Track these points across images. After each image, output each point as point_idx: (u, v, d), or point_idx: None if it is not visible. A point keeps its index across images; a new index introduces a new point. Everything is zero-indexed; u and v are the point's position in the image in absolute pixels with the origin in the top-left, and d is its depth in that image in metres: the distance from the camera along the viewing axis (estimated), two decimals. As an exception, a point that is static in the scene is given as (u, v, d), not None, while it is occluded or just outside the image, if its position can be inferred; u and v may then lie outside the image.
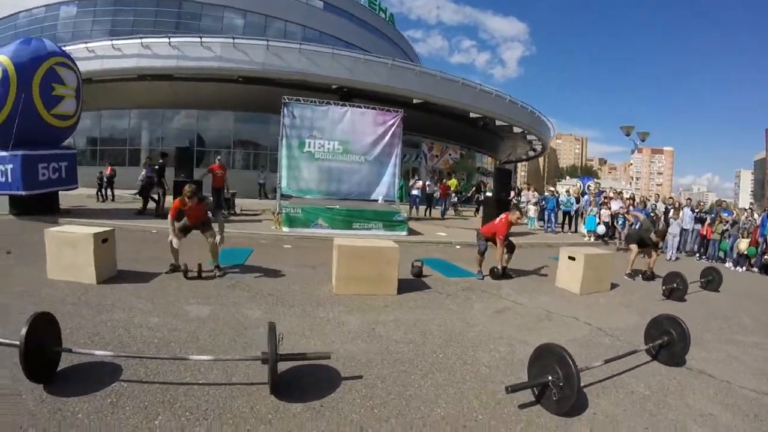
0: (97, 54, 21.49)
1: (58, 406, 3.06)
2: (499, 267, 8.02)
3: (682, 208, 14.63)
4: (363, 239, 8.13)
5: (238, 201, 15.78)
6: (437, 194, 19.03)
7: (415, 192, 17.88)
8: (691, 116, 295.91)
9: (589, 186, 19.33)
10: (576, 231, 16.54)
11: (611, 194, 17.10)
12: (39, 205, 12.11)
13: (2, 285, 5.69)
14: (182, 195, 6.66)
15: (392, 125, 13.88)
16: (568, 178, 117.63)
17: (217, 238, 6.87)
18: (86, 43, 22.00)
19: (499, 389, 3.62)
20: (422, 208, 18.27)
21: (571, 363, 3.30)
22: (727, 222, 13.55)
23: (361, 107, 13.98)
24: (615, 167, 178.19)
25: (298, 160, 13.22)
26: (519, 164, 49.07)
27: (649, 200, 17.11)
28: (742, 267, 12.67)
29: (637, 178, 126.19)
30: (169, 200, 12.87)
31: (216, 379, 3.61)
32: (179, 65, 21.27)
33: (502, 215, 8.00)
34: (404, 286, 6.68)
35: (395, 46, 41.43)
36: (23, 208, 12.01)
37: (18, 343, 3.14)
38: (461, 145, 32.33)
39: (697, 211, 15.00)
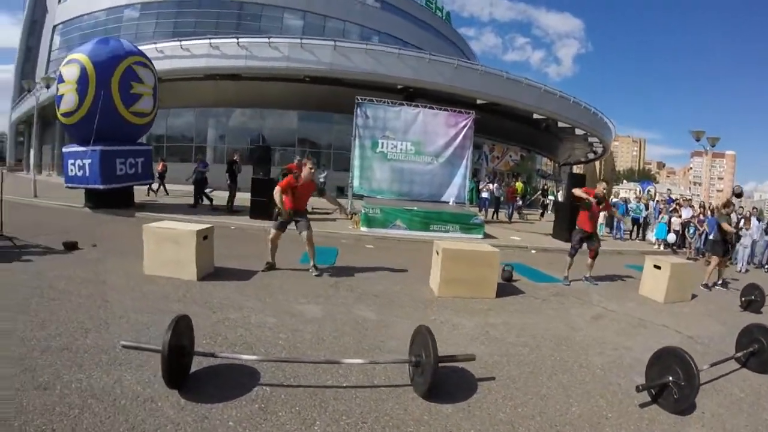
0: (166, 54, 22.16)
1: (203, 413, 2.86)
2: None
3: (750, 218, 13.76)
4: (464, 242, 8.04)
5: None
6: (503, 197, 18.61)
7: (485, 195, 17.56)
8: (754, 118, 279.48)
9: (649, 191, 18.59)
10: (644, 238, 15.98)
11: (681, 201, 16.37)
12: (116, 199, 12.44)
13: (101, 280, 5.64)
14: (294, 173, 6.60)
15: (464, 127, 13.71)
16: (624, 182, 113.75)
17: (307, 233, 6.74)
18: (155, 43, 22.65)
19: (618, 389, 3.80)
20: (490, 211, 17.90)
21: (693, 364, 3.44)
22: None
23: (432, 108, 13.74)
24: (674, 171, 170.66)
25: (371, 161, 13.15)
26: (575, 166, 47.63)
27: (717, 209, 16.20)
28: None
29: (698, 183, 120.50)
30: (243, 197, 13.00)
31: (358, 381, 3.52)
32: (247, 65, 21.69)
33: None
34: (499, 290, 6.56)
35: (452, 44, 41.18)
36: (98, 201, 12.39)
37: (159, 348, 2.97)
38: (521, 147, 31.63)
39: (765, 222, 14.03)
